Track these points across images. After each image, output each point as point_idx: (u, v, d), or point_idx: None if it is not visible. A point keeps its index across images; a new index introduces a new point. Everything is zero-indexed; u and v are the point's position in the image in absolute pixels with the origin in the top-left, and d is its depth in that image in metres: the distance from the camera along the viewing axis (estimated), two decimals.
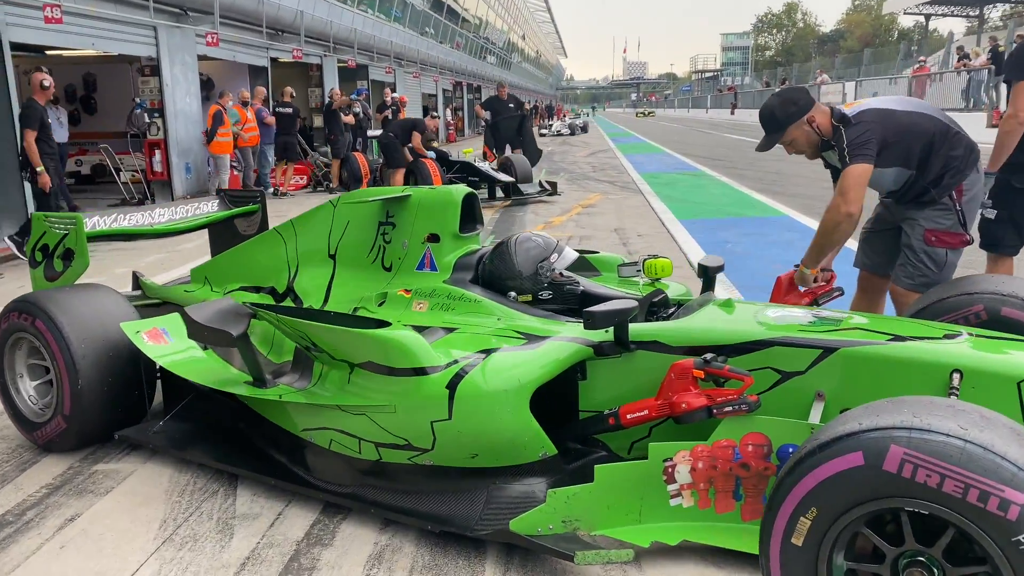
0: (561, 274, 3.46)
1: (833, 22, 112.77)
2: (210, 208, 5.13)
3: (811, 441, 2.11)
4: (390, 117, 18.52)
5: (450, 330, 3.17)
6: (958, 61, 25.37)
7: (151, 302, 4.69)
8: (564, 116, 43.35)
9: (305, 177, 16.65)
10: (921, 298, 3.45)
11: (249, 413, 3.49)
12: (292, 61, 19.43)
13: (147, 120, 14.03)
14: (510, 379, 2.73)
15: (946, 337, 2.72)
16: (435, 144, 14.85)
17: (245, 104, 14.86)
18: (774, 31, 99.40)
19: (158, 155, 14.24)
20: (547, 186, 13.50)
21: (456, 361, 2.82)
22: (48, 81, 9.61)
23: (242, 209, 5.02)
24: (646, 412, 2.81)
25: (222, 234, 5.23)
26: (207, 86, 17.51)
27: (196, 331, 3.27)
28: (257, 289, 4.19)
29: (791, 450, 2.57)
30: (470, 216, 3.69)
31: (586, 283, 3.60)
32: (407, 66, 30.28)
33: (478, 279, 3.47)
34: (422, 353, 2.81)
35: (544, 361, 2.84)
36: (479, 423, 2.75)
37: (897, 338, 2.69)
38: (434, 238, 3.59)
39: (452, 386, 2.74)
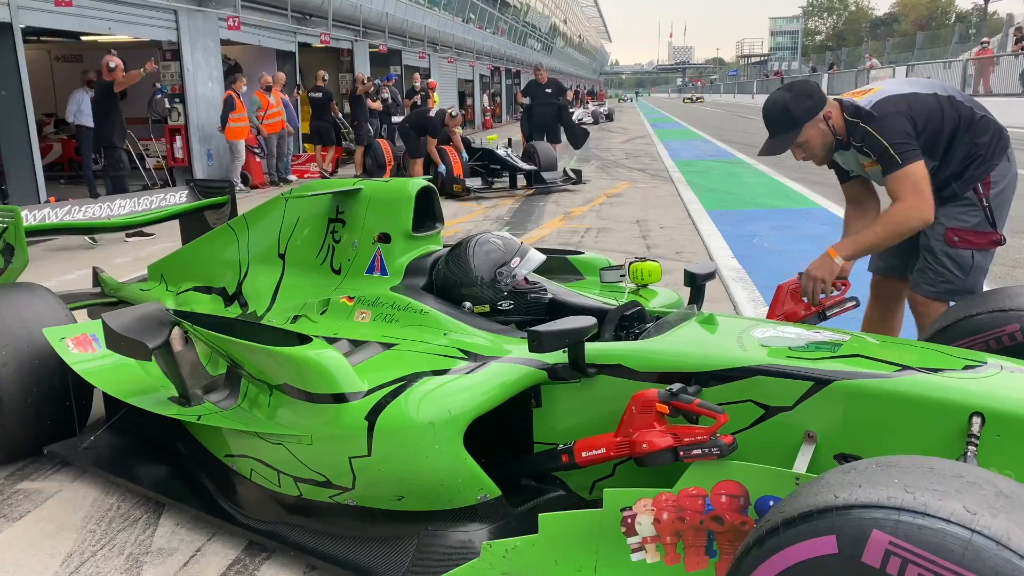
0: (527, 280, 3.02)
1: (887, 5, 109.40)
2: (177, 199, 4.78)
3: (776, 513, 1.66)
4: (419, 103, 18.18)
5: (390, 346, 2.76)
6: (1015, 44, 24.12)
7: (108, 300, 4.37)
8: (601, 101, 41.03)
9: (331, 164, 16.36)
10: (945, 313, 2.94)
11: (186, 432, 3.13)
12: (322, 46, 19.15)
13: (168, 106, 13.82)
14: (439, 410, 2.31)
15: (967, 368, 2.23)
16: (459, 132, 14.38)
17: (268, 89, 14.59)
18: (824, 15, 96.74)
19: (179, 141, 14.06)
20: (572, 174, 13.00)
21: (382, 386, 2.41)
22: (114, 63, 9.69)
23: (209, 201, 4.66)
24: (603, 451, 2.37)
25: (194, 228, 4.89)
26: (235, 70, 17.31)
27: (113, 341, 2.91)
28: (208, 290, 3.83)
29: (771, 503, 2.12)
30: (429, 213, 3.27)
31: (557, 290, 3.16)
32: (442, 51, 29.87)
33: (432, 285, 3.05)
34: (341, 376, 2.41)
35: (485, 387, 2.42)
36: (402, 461, 2.34)
37: (905, 369, 2.21)
38: (385, 238, 3.18)
39: (371, 417, 2.33)
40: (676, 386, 2.26)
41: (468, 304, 2.92)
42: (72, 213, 4.29)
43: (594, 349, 2.54)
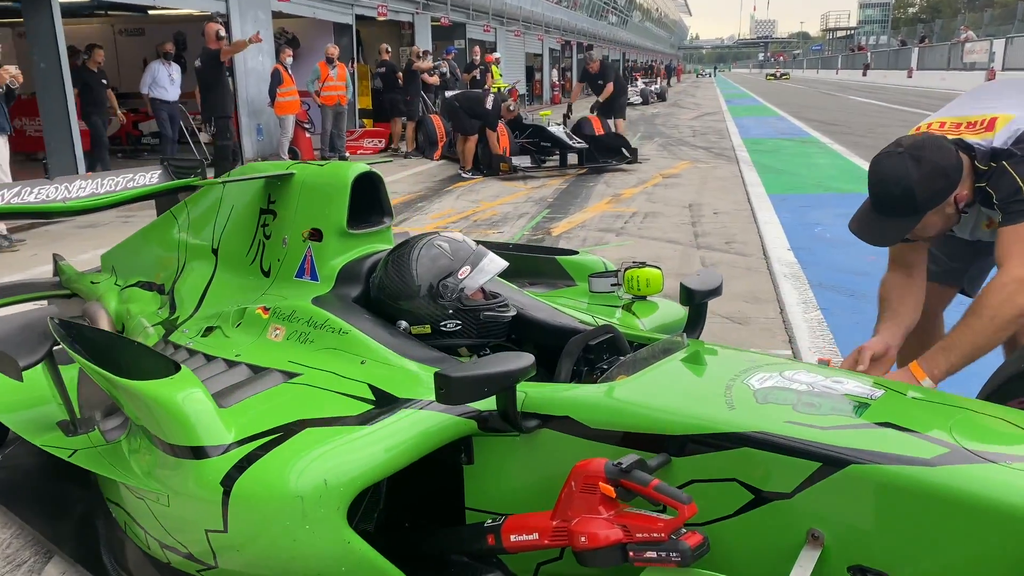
0: (485, 293, 2.41)
1: None
2: (147, 180, 4.31)
3: None
4: (478, 77, 17.56)
5: (293, 375, 2.19)
6: None
7: (63, 292, 3.94)
8: (652, 78, 37.62)
9: (383, 140, 15.92)
10: (1009, 362, 2.22)
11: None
12: (382, 19, 18.67)
13: None
14: (312, 478, 1.74)
15: None
16: (513, 109, 13.74)
17: (331, 61, 14.16)
18: None
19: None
20: (627, 153, 12.23)
21: (253, 438, 1.85)
22: (223, 32, 9.57)
23: (180, 182, 4.16)
24: (535, 537, 1.77)
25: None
26: (292, 44, 16.99)
27: None
28: (150, 286, 3.34)
29: None
30: (373, 205, 2.68)
31: (527, 304, 2.55)
32: (509, 24, 29.08)
33: (368, 296, 2.47)
34: (200, 423, 1.86)
35: (386, 444, 1.84)
36: (266, 545, 1.79)
37: (956, 451, 1.53)
38: (316, 235, 2.61)
39: (228, 482, 1.78)
40: (629, 459, 1.64)
41: (404, 323, 2.33)
42: (21, 195, 3.84)
43: (538, 394, 1.93)
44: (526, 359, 1.80)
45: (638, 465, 1.63)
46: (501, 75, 18.08)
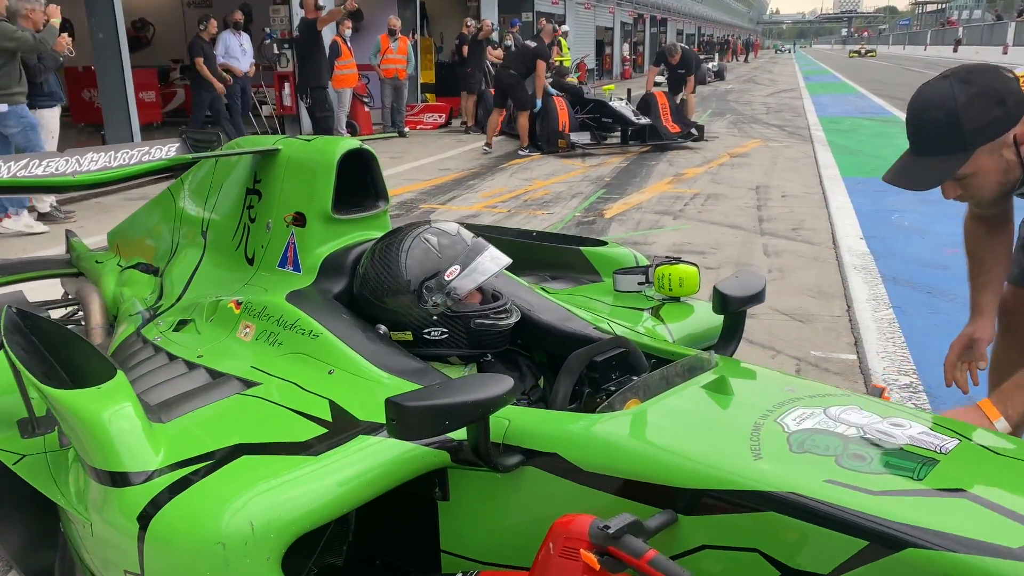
0: (484, 295, 2.06)
1: None
2: (164, 153, 4.08)
3: None
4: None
5: (252, 385, 1.89)
6: None
7: (71, 271, 3.75)
8: (709, 55, 35.15)
9: (444, 115, 15.63)
10: None
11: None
12: None
13: (276, 51, 13.43)
14: (238, 520, 1.43)
15: None
16: (570, 78, 13.24)
17: (392, 33, 13.90)
18: None
19: (287, 88, 13.66)
20: (693, 130, 11.65)
21: (182, 464, 1.56)
22: (323, 1, 9.44)
23: (179, 158, 3.91)
24: None
25: None
26: (355, 16, 16.80)
27: None
28: (148, 268, 3.10)
29: None
30: (366, 188, 2.36)
31: (538, 304, 2.20)
32: None
33: (352, 291, 2.16)
34: (124, 445, 1.57)
35: (340, 477, 1.52)
36: None
37: None
38: (299, 219, 2.31)
39: (144, 519, 1.49)
40: (620, 520, 1.28)
41: (384, 327, 2.01)
42: (29, 168, 3.65)
43: (523, 423, 1.59)
44: (503, 384, 1.45)
45: (632, 528, 1.28)
46: (569, 49, 17.53)
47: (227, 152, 2.67)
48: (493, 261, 1.98)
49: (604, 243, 2.84)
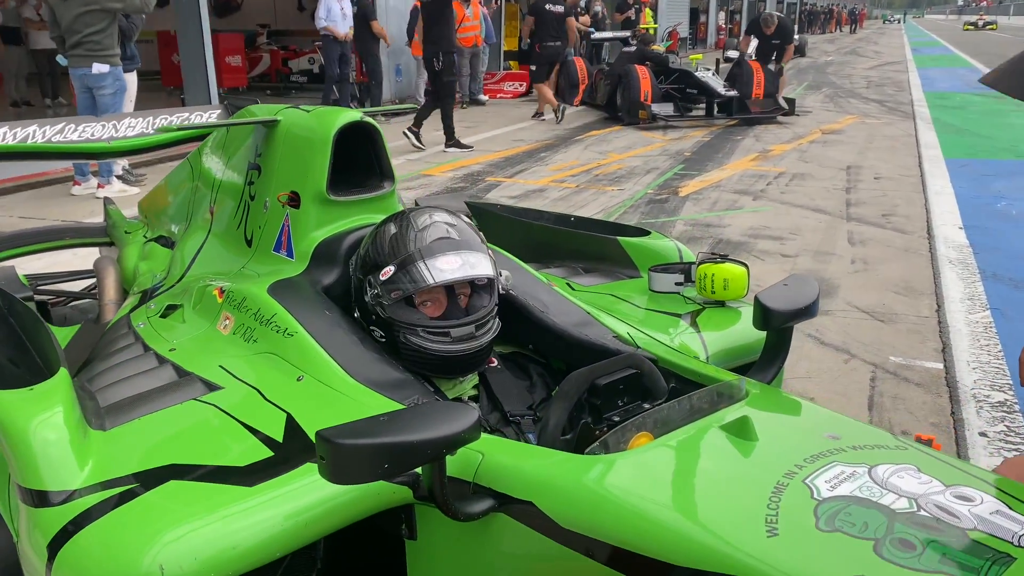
0: (479, 304, 1.74)
1: None
2: (204, 119, 3.93)
3: None
4: (632, 18, 16.54)
5: (214, 388, 1.68)
6: None
7: (105, 240, 3.66)
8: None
9: (524, 84, 15.27)
10: None
11: None
12: None
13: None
14: (147, 561, 1.21)
15: None
16: (655, 46, 12.64)
17: (467, 1, 13.61)
18: None
19: None
20: (783, 104, 11.00)
21: (106, 485, 1.36)
22: None
23: (230, 121, 3.75)
24: None
25: None
26: None
27: None
28: (167, 243, 2.95)
29: None
30: (369, 166, 2.11)
31: (554, 304, 1.91)
32: None
33: (346, 282, 1.91)
34: (46, 460, 1.38)
35: (268, 518, 1.29)
36: None
37: None
38: (294, 200, 2.07)
39: (55, 545, 1.29)
40: None
41: (357, 314, 1.78)
42: (64, 133, 3.55)
43: (499, 459, 1.32)
44: (464, 419, 1.19)
45: None
46: (653, 16, 16.88)
47: (226, 123, 2.47)
48: (438, 272, 1.63)
49: (647, 233, 2.52)
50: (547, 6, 11.01)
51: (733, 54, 11.67)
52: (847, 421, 1.40)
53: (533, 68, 11.68)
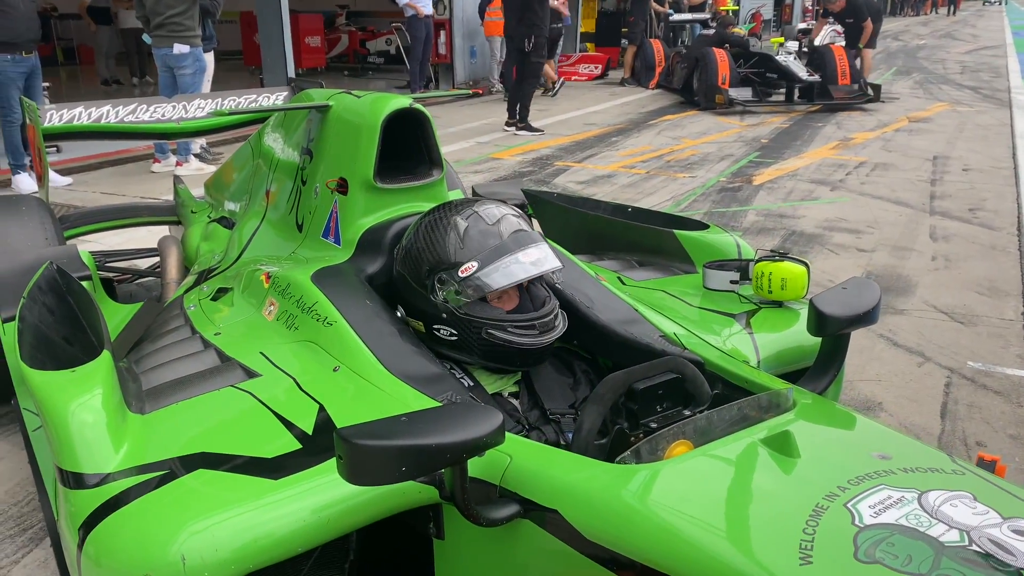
0: (537, 299, 1.72)
1: None
2: (271, 101, 3.98)
3: None
4: (709, 1, 16.12)
5: (254, 375, 1.68)
6: None
7: (173, 219, 3.75)
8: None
9: (600, 66, 15.06)
10: None
11: None
12: None
13: None
14: (171, 550, 1.22)
15: None
16: (737, 29, 12.26)
17: None
18: None
19: (443, 36, 13.57)
20: (868, 90, 10.55)
21: (140, 470, 1.37)
22: None
23: (302, 105, 3.78)
24: None
25: None
26: None
27: None
28: (228, 223, 2.99)
29: None
30: (419, 152, 2.08)
31: (600, 300, 1.85)
32: None
33: (390, 271, 1.90)
34: (83, 443, 1.41)
35: (289, 513, 1.28)
36: None
37: None
38: (342, 186, 2.06)
39: (86, 528, 1.31)
40: None
41: (402, 310, 1.76)
42: (136, 113, 3.64)
43: (526, 463, 1.28)
44: (487, 422, 1.15)
45: None
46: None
47: (280, 107, 2.48)
48: (520, 267, 1.63)
49: (705, 226, 2.43)
50: None
51: (792, 44, 11.16)
52: (901, 439, 1.31)
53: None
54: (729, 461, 1.24)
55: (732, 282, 2.07)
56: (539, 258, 1.66)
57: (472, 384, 1.70)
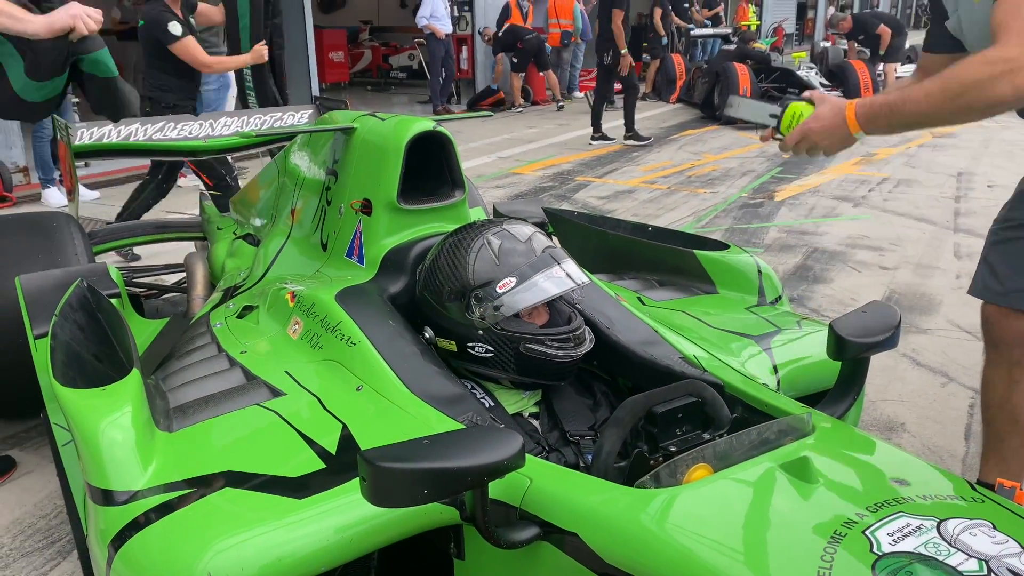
0: (563, 315, 1.77)
1: None
2: (296, 119, 4.04)
3: None
4: (721, 14, 16.17)
5: (279, 394, 1.71)
6: None
7: (200, 235, 3.81)
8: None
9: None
10: None
11: None
12: None
13: (456, 13, 13.42)
14: (197, 569, 1.24)
15: None
16: (758, 44, 12.27)
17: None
18: None
19: (465, 51, 13.67)
20: None
21: (168, 487, 1.40)
22: None
23: (331, 127, 3.84)
24: None
25: None
26: None
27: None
28: (254, 241, 3.04)
29: None
30: (441, 174, 2.11)
31: (620, 320, 1.87)
32: None
33: (410, 291, 1.93)
34: (113, 461, 1.44)
35: (313, 532, 1.30)
36: None
37: None
38: (366, 207, 2.10)
39: (117, 543, 1.34)
40: None
41: (429, 331, 1.78)
42: (164, 131, 3.71)
43: (546, 486, 1.30)
44: (508, 446, 1.17)
45: None
46: (756, 13, 16.40)
47: (306, 129, 2.52)
48: (554, 282, 1.68)
49: (726, 246, 2.44)
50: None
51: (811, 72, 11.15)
52: (920, 465, 1.31)
53: (514, 59, 12.17)
54: (748, 486, 1.24)
55: (772, 116, 1.99)
56: (571, 272, 1.71)
57: (492, 404, 1.72)
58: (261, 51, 4.77)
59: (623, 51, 8.63)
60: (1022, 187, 2.19)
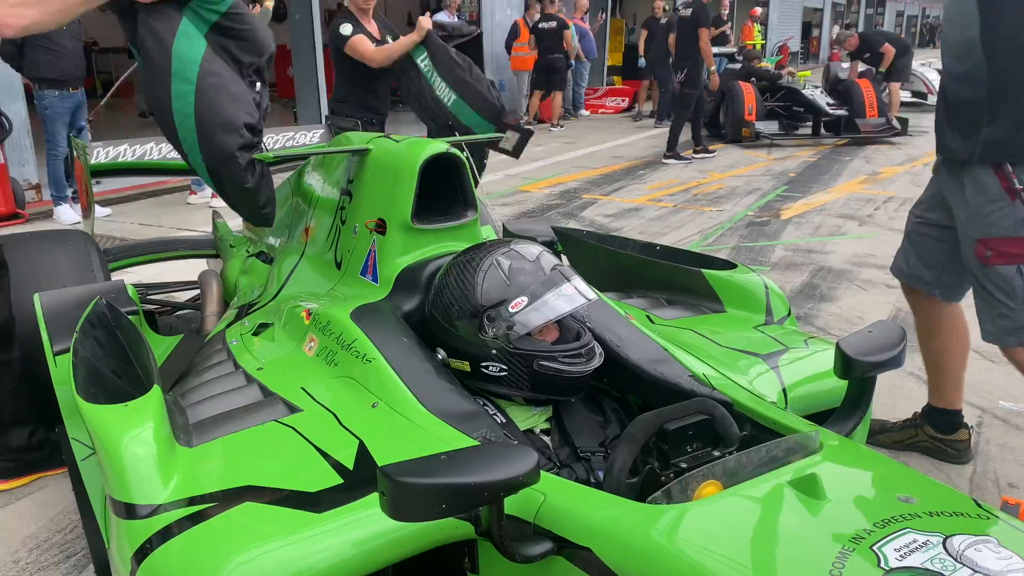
0: (571, 332, 1.81)
1: None
2: (308, 139, 4.10)
3: None
4: (727, 33, 16.24)
5: (296, 410, 1.75)
6: None
7: (213, 253, 3.86)
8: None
9: (627, 99, 15.19)
10: None
11: None
12: None
13: (463, 33, 13.54)
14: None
15: None
16: (762, 63, 12.34)
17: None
18: None
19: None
20: (896, 123, 10.55)
21: (190, 502, 1.44)
22: None
23: (342, 149, 3.89)
24: None
25: None
26: None
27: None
28: (268, 258, 3.08)
29: None
30: (454, 194, 2.15)
31: (629, 338, 1.90)
32: None
33: (423, 309, 1.97)
34: (135, 475, 1.47)
35: (328, 546, 1.33)
36: None
37: None
38: (381, 227, 2.14)
39: (140, 555, 1.37)
40: None
41: (442, 352, 1.81)
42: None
43: (558, 502, 1.33)
44: (524, 462, 1.20)
45: None
46: (761, 32, 16.50)
47: (322, 150, 2.57)
48: (565, 299, 1.72)
49: (733, 266, 2.47)
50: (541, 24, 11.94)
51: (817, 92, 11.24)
52: (926, 482, 1.34)
53: (535, 76, 12.38)
54: (757, 502, 1.27)
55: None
56: (581, 288, 1.76)
57: (505, 421, 1.75)
58: (425, 24, 4.34)
59: (711, 68, 8.76)
60: (933, 189, 2.65)
